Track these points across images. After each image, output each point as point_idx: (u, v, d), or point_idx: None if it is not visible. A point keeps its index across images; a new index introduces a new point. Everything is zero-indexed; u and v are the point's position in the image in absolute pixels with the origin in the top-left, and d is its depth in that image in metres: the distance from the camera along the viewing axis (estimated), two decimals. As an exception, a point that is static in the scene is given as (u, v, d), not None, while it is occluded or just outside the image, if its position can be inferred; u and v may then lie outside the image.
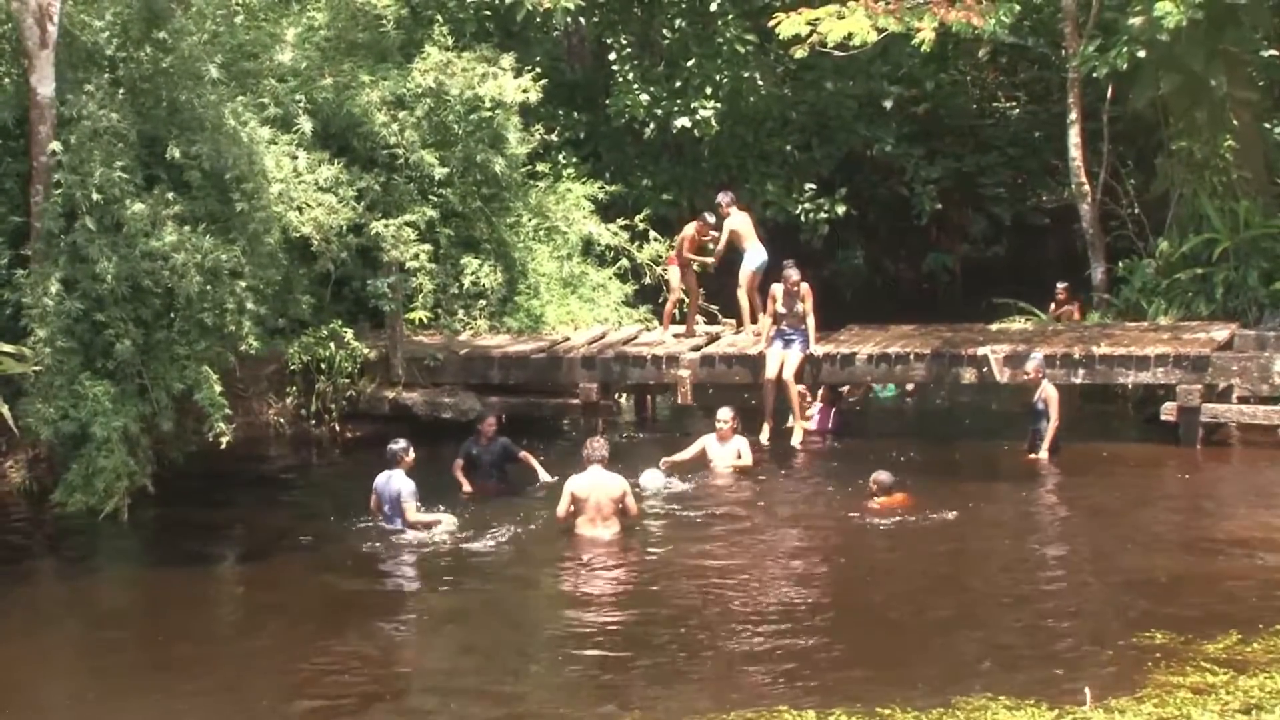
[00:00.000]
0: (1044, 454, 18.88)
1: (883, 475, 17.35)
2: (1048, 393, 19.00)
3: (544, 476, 18.32)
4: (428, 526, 16.39)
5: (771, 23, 22.77)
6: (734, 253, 22.10)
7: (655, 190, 27.85)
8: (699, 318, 22.97)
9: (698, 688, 12.15)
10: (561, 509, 16.18)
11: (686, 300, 22.74)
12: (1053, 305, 24.30)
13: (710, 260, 22.37)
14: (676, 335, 22.18)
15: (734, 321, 23.06)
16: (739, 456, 18.84)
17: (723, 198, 22.35)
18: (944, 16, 21.45)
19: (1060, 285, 24.48)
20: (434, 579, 15.41)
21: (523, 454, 18.63)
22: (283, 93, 21.31)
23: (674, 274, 22.46)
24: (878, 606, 14.23)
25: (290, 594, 15.12)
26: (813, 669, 12.50)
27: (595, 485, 16.11)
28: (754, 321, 21.95)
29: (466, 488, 18.22)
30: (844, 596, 14.68)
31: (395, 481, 16.53)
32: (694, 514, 17.24)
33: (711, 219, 22.21)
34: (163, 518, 17.72)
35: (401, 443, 16.81)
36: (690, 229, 22.28)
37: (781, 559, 15.69)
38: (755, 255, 21.88)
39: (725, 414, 18.94)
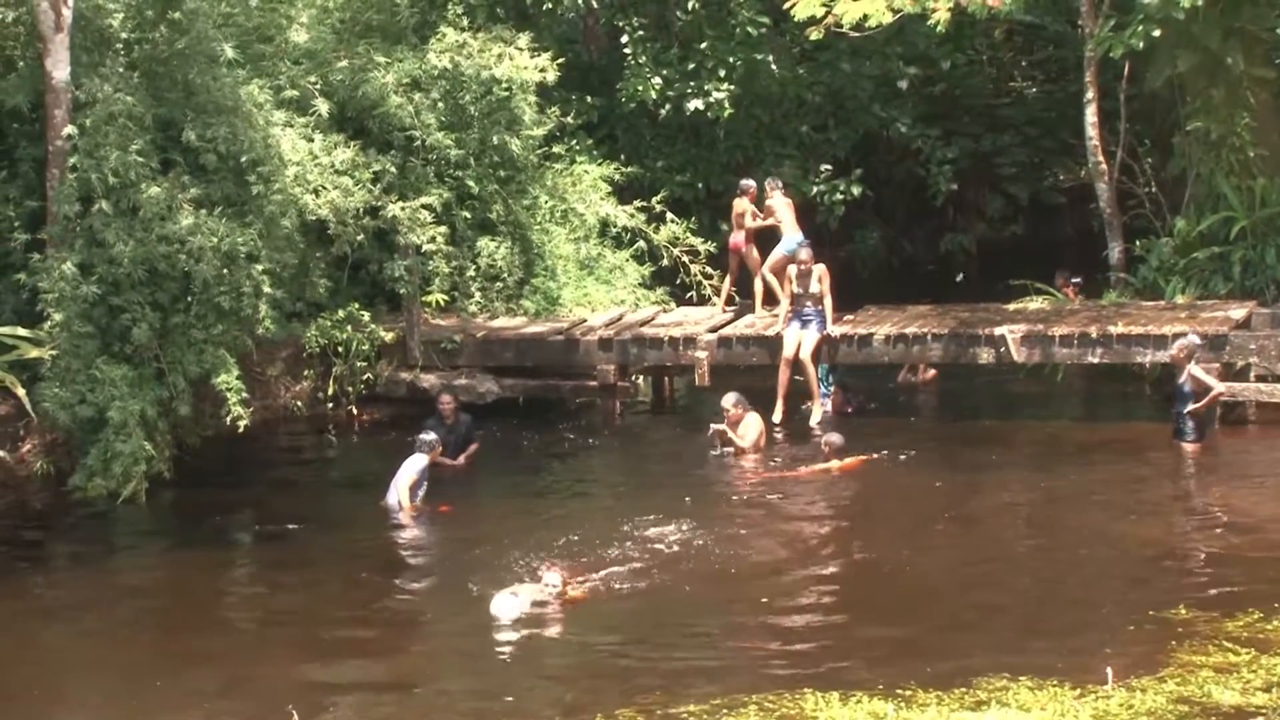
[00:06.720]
0: (1190, 441, 18.41)
1: (834, 437, 18.06)
2: (1195, 375, 18.51)
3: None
4: (400, 504, 16.72)
5: (786, 4, 22.72)
6: (774, 240, 22.18)
7: (671, 172, 27.77)
8: (718, 298, 22.97)
9: (719, 671, 12.16)
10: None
11: (729, 276, 22.71)
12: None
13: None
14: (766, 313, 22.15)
15: (751, 302, 22.97)
16: (742, 437, 18.85)
17: (769, 182, 22.53)
18: (959, -3, 21.37)
19: (1067, 278, 24.30)
20: (451, 561, 15.41)
21: (474, 445, 19.06)
22: (298, 75, 21.25)
23: (751, 253, 22.36)
24: (896, 588, 14.21)
25: (307, 577, 15.14)
26: (832, 652, 12.50)
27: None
28: (772, 303, 21.86)
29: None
30: (861, 577, 14.68)
31: (410, 462, 16.88)
32: (705, 498, 17.18)
33: (748, 183, 22.38)
34: (180, 501, 17.76)
35: (432, 436, 17.31)
36: (745, 203, 22.18)
37: (794, 540, 15.64)
38: (789, 241, 21.83)
39: (729, 400, 18.93)
